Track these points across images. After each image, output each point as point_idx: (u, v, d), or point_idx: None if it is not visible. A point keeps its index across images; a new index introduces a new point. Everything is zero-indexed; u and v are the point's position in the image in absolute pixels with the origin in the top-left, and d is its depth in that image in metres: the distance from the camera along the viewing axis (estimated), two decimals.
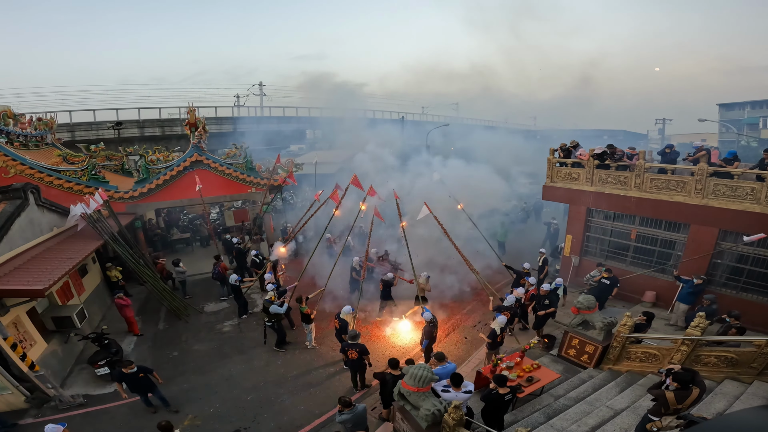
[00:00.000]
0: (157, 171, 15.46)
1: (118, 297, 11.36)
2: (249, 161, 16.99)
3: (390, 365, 7.29)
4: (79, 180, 14.11)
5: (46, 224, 11.43)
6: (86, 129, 23.75)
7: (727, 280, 10.81)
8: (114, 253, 12.99)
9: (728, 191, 10.21)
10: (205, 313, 13.19)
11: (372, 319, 12.07)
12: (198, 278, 15.91)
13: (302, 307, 10.44)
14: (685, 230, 11.44)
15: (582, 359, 9.00)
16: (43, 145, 16.56)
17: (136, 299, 13.96)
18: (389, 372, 7.29)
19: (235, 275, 12.41)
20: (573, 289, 13.97)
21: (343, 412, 6.42)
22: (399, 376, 7.01)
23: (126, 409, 8.58)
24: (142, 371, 7.86)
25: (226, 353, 10.81)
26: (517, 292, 10.57)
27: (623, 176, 12.21)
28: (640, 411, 6.54)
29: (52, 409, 8.48)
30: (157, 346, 11.31)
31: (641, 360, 8.35)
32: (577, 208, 13.78)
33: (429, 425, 5.57)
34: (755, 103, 45.11)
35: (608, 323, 8.55)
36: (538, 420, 7.04)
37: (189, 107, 15.94)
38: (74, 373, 9.84)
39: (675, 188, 11.17)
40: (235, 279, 12.11)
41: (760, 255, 10.13)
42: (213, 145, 23.91)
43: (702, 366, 7.56)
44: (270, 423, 8.17)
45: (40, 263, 9.39)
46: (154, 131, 26.26)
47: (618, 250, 13.19)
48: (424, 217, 11.65)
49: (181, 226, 21.63)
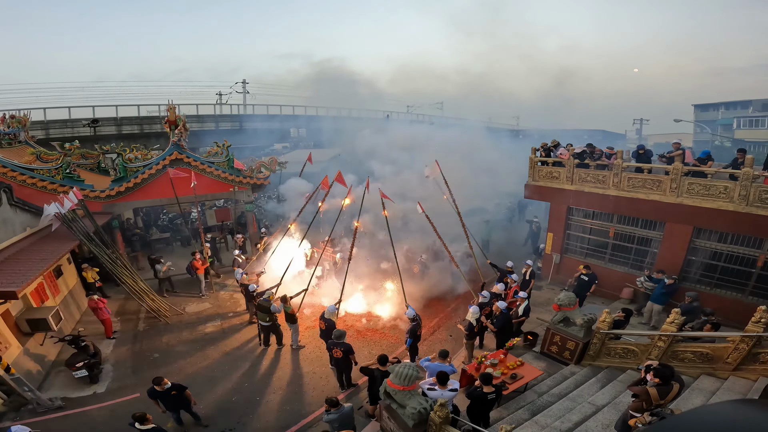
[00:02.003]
0: (135, 170, 15.10)
1: (91, 299, 11.00)
2: (231, 159, 16.75)
3: (379, 361, 7.27)
4: (53, 179, 13.68)
5: (20, 224, 11.07)
6: (61, 127, 23.02)
7: (702, 276, 11.17)
8: (90, 254, 12.67)
9: (702, 190, 10.52)
10: (187, 314, 12.97)
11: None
12: (179, 278, 15.65)
13: (286, 307, 10.38)
14: (660, 228, 11.76)
15: (564, 355, 9.17)
16: (15, 143, 16.00)
17: (115, 300, 13.66)
18: (378, 368, 7.28)
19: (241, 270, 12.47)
20: (553, 287, 14.27)
21: (329, 411, 6.41)
22: (386, 371, 7.02)
23: (106, 411, 8.42)
24: (175, 389, 7.33)
25: (209, 354, 10.66)
26: (496, 288, 10.69)
27: (602, 175, 12.48)
28: (620, 407, 6.71)
29: (30, 412, 8.23)
30: (137, 347, 11.06)
31: (620, 356, 8.57)
32: (558, 207, 14.05)
33: (415, 423, 5.60)
34: (729, 104, 46.49)
35: (588, 320, 8.73)
36: (522, 417, 7.15)
37: (169, 105, 15.62)
38: (51, 375, 9.57)
39: (651, 187, 11.47)
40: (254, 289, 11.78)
41: (733, 252, 10.49)
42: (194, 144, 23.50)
43: (678, 362, 7.79)
44: (256, 424, 8.09)
45: (14, 264, 9.12)
46: (132, 129, 25.62)
47: (597, 247, 13.49)
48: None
49: (160, 225, 21.18)
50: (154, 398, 7.25)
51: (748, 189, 9.69)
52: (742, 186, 9.75)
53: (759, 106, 42.99)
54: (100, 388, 9.27)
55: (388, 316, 11.99)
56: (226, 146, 16.74)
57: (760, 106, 42.91)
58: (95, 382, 9.37)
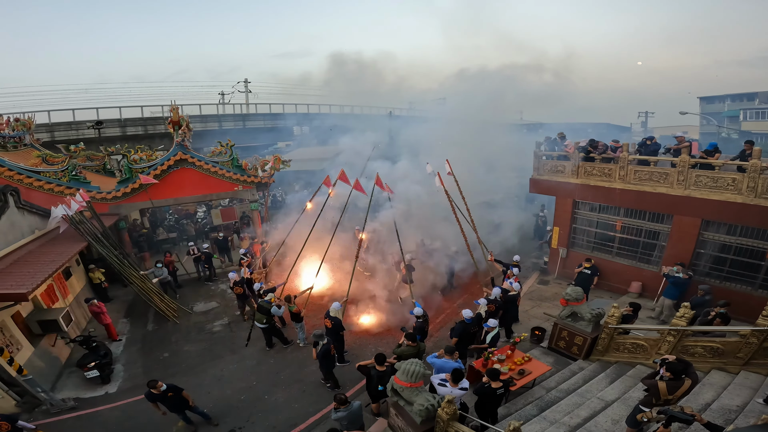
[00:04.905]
0: (140, 170, 15.18)
1: (92, 304, 11.06)
2: (235, 159, 16.80)
3: (376, 361, 7.24)
4: (59, 181, 13.78)
5: (27, 227, 11.17)
6: (66, 129, 23.18)
7: (711, 269, 11.07)
8: (98, 255, 12.76)
9: (710, 182, 10.42)
10: (195, 313, 13.05)
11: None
12: (186, 278, 15.78)
13: (291, 306, 10.40)
14: (668, 221, 11.67)
15: (572, 351, 9.14)
16: (21, 146, 16.15)
17: (124, 300, 13.77)
18: (374, 367, 7.26)
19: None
20: (560, 281, 14.24)
21: (338, 409, 6.42)
22: (383, 372, 7.05)
23: (119, 412, 8.51)
24: (171, 390, 7.29)
25: (217, 353, 10.73)
26: (506, 285, 10.68)
27: (608, 168, 12.38)
28: (630, 402, 6.68)
29: (44, 413, 8.34)
30: (146, 347, 11.17)
31: (629, 351, 8.52)
32: (564, 201, 13.97)
33: (423, 420, 5.60)
34: (735, 96, 46.06)
35: (596, 315, 8.67)
36: (531, 413, 7.13)
37: (172, 105, 15.68)
38: (64, 376, 9.70)
39: (658, 180, 11.37)
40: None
41: (742, 245, 10.38)
42: (198, 144, 23.58)
43: (689, 356, 7.71)
44: (264, 422, 8.15)
45: (23, 266, 9.20)
46: (136, 130, 25.77)
47: (604, 241, 13.40)
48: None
49: (167, 225, 21.31)
50: (153, 401, 7.26)
51: (756, 180, 9.58)
52: (750, 177, 9.64)
53: (765, 98, 42.56)
54: (111, 388, 9.38)
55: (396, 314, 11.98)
56: (230, 146, 16.79)
57: (766, 98, 42.45)
58: (107, 382, 9.48)
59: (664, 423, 4.76)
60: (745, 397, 6.57)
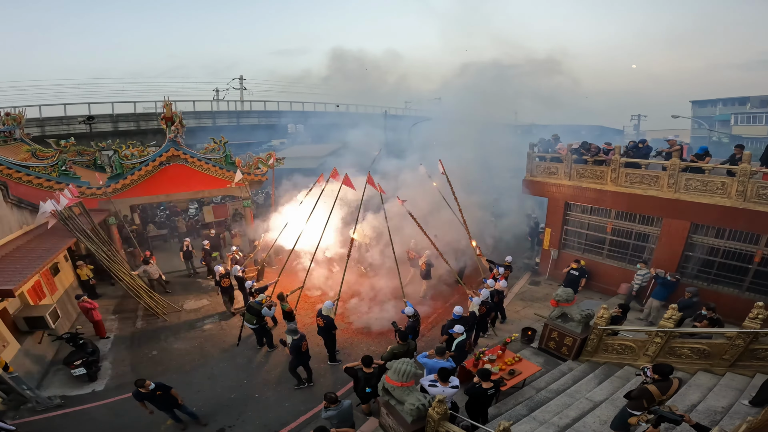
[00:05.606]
0: (132, 166, 15.01)
1: (82, 300, 10.90)
2: (228, 156, 16.67)
3: (363, 363, 7.21)
4: (49, 176, 13.59)
5: (15, 222, 11.01)
6: (56, 124, 22.92)
7: (699, 272, 11.20)
8: (87, 251, 12.61)
9: (700, 186, 10.53)
10: (185, 311, 12.95)
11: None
12: (176, 275, 15.66)
13: (284, 305, 10.35)
14: (658, 224, 11.78)
15: (562, 351, 9.21)
16: (11, 140, 15.91)
17: (112, 297, 13.62)
18: (361, 368, 7.24)
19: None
20: (552, 282, 14.33)
21: (328, 408, 6.40)
22: (370, 374, 7.04)
23: (105, 409, 8.42)
24: (160, 389, 7.20)
25: (207, 351, 10.66)
26: (498, 285, 10.73)
27: (600, 171, 12.48)
28: (618, 403, 6.74)
29: (30, 410, 8.24)
30: (135, 345, 11.05)
31: (618, 352, 8.60)
32: (556, 202, 14.05)
33: (414, 420, 5.61)
34: (727, 101, 46.55)
35: (586, 315, 8.74)
36: (520, 413, 7.17)
37: (165, 101, 15.51)
38: (50, 374, 9.56)
39: (649, 183, 11.47)
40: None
41: (730, 248, 10.51)
42: (191, 140, 23.39)
43: (676, 358, 7.83)
44: (255, 421, 8.12)
45: (10, 262, 9.08)
46: (128, 126, 25.55)
47: (595, 243, 13.51)
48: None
49: (158, 222, 21.12)
50: (141, 400, 7.18)
51: (745, 185, 9.70)
52: (740, 182, 9.76)
53: (757, 103, 43.06)
54: (98, 386, 9.27)
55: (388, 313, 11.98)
56: (223, 142, 16.65)
57: (758, 102, 42.96)
58: (94, 380, 9.37)
59: (653, 423, 4.80)
60: (731, 399, 6.65)
